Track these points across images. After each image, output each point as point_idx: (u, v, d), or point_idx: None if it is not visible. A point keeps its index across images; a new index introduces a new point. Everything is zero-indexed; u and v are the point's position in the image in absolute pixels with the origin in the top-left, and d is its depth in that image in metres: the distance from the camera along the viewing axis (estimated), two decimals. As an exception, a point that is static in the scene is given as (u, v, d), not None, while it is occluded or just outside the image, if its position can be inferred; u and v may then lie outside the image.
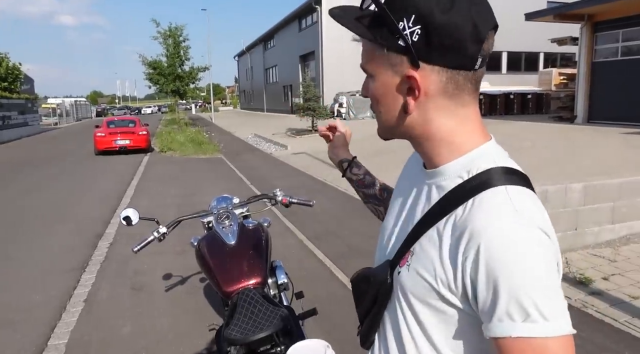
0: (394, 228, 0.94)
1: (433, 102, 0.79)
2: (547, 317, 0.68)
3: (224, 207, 2.70)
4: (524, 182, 0.78)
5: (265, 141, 18.37)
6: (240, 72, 56.16)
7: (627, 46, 15.70)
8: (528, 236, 0.70)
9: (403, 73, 0.78)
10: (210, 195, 9.32)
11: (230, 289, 2.28)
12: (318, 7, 25.07)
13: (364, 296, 0.97)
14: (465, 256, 0.72)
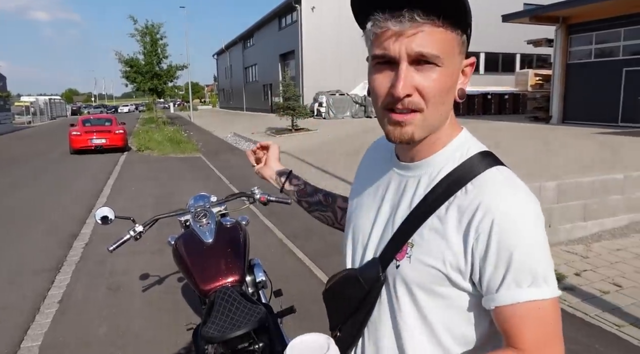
0: (374, 226, 0.93)
1: None
2: (548, 282, 0.77)
3: (202, 206, 2.68)
4: (501, 162, 0.86)
5: (245, 140, 18.28)
6: (219, 71, 55.72)
7: (600, 48, 16.10)
8: (532, 209, 0.79)
9: (463, 60, 0.84)
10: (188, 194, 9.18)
11: (207, 288, 2.27)
12: (298, 6, 25.03)
13: (346, 301, 0.95)
14: (477, 233, 0.77)
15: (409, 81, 0.76)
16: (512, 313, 0.76)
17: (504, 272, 0.76)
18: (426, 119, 0.80)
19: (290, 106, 18.32)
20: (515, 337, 0.76)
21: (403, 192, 0.89)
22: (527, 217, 0.77)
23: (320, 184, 8.88)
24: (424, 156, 0.87)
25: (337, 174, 9.92)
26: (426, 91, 0.77)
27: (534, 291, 0.75)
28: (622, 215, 5.43)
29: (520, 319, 0.76)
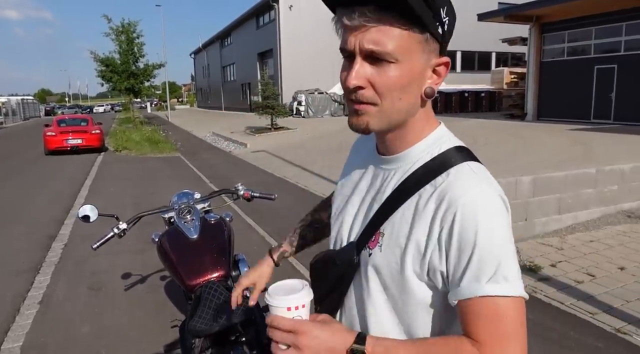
0: (355, 213, 0.98)
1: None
2: (507, 278, 0.77)
3: (185, 202, 2.70)
4: (475, 158, 0.87)
5: (224, 139, 18.18)
6: (196, 70, 55.15)
7: (572, 47, 16.49)
8: (497, 203, 0.80)
9: (433, 59, 0.83)
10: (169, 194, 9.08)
11: (193, 283, 2.28)
12: (276, 5, 24.98)
13: (325, 278, 1.00)
14: (441, 226, 0.80)
15: (360, 74, 0.80)
16: (469, 308, 0.78)
17: (464, 266, 0.78)
18: (381, 111, 0.83)
19: (270, 104, 18.29)
20: (472, 329, 0.78)
21: (380, 184, 0.93)
22: (490, 213, 0.78)
23: (300, 182, 8.92)
24: (400, 150, 0.90)
25: (317, 172, 9.96)
26: (378, 86, 0.80)
27: (492, 287, 0.77)
28: (595, 208, 5.61)
29: (476, 313, 0.78)
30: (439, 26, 0.79)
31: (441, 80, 0.85)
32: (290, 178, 9.45)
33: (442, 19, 0.79)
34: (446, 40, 0.83)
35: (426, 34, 0.79)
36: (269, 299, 0.88)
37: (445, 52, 0.84)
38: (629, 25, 14.39)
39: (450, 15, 0.81)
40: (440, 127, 0.92)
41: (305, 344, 0.81)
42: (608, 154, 7.72)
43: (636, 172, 5.91)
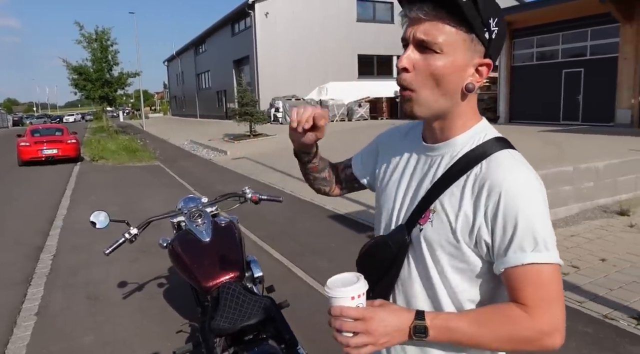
0: (402, 197, 1.09)
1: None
2: (548, 248, 0.90)
3: (195, 206, 2.76)
4: (513, 147, 1.01)
5: (203, 147, 18.09)
6: (170, 78, 54.57)
7: (541, 52, 17.07)
8: (535, 184, 0.93)
9: (477, 59, 0.95)
10: (154, 202, 9.06)
11: (209, 284, 2.35)
12: (251, 12, 25.04)
13: (377, 262, 1.10)
14: (487, 205, 0.92)
15: (409, 58, 0.94)
16: (516, 274, 0.90)
17: (510, 238, 0.89)
18: (419, 98, 0.95)
19: (248, 111, 18.30)
20: (520, 295, 0.90)
21: (428, 168, 1.04)
22: (530, 192, 0.90)
23: (286, 188, 9.01)
24: (446, 138, 1.02)
25: (300, 176, 9.99)
26: (420, 70, 0.93)
27: (535, 255, 0.88)
28: (573, 204, 5.87)
29: (523, 280, 0.89)
30: (485, 31, 0.91)
31: (482, 79, 0.96)
32: (275, 184, 9.52)
33: (490, 25, 0.91)
34: (492, 47, 0.94)
35: (472, 35, 0.92)
36: (331, 292, 0.95)
37: (494, 59, 0.97)
38: (593, 30, 15.01)
39: (501, 27, 0.94)
40: (482, 121, 1.05)
41: (374, 328, 0.91)
42: (580, 153, 8.06)
43: (609, 169, 6.21)
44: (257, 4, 24.84)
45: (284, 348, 2.07)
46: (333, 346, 1.09)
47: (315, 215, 6.95)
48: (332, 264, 4.78)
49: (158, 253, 5.16)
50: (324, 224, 6.43)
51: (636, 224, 5.34)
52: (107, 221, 2.60)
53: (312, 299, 3.96)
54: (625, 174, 6.37)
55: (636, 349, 2.95)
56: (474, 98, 1.02)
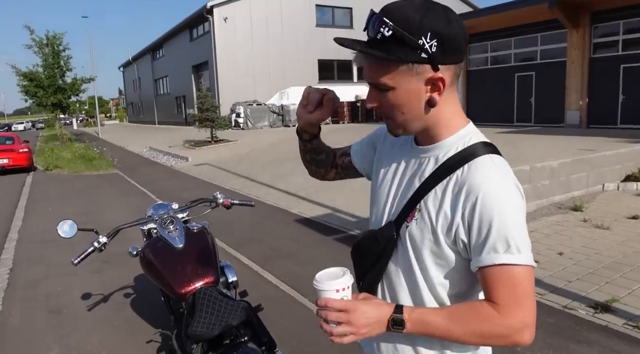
0: (392, 195, 1.16)
1: (445, 94, 1.03)
2: (520, 250, 0.95)
3: (166, 213, 2.73)
4: (498, 152, 1.06)
5: (163, 153, 17.73)
6: (126, 84, 53.16)
7: (494, 56, 17.69)
8: (511, 189, 1.00)
9: (427, 77, 0.99)
10: (115, 211, 8.82)
11: (184, 291, 2.33)
12: (210, 17, 24.77)
13: (367, 255, 1.17)
14: (464, 206, 0.98)
15: (371, 98, 1.05)
16: (489, 274, 0.96)
17: (484, 239, 0.95)
18: (395, 123, 1.06)
19: (209, 117, 18.08)
20: (491, 293, 0.96)
21: (417, 169, 1.11)
22: (506, 197, 0.96)
23: (251, 193, 8.96)
24: (434, 141, 1.08)
25: (266, 182, 10.03)
26: (383, 107, 1.04)
27: (507, 257, 0.94)
28: (531, 201, 6.12)
29: (495, 279, 0.95)
30: (421, 53, 0.95)
31: (443, 89, 1.00)
32: (239, 190, 9.45)
33: (423, 46, 0.95)
34: (436, 58, 0.96)
35: (411, 64, 0.97)
36: (318, 284, 1.03)
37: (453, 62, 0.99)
38: (543, 36, 15.70)
39: (442, 35, 0.95)
40: (469, 125, 1.10)
41: (356, 319, 0.99)
42: (534, 153, 8.40)
43: (562, 167, 6.52)
44: (216, 8, 24.61)
45: (264, 350, 2.08)
46: (304, 349, 1.13)
47: (282, 219, 6.94)
48: (301, 268, 4.80)
49: (122, 263, 5.04)
50: (291, 228, 6.44)
51: (589, 219, 5.62)
52: (75, 230, 2.54)
53: (283, 303, 3.97)
54: (577, 172, 6.69)
55: (594, 336, 3.11)
56: (451, 103, 1.06)
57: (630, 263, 4.23)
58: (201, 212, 2.94)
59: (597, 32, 14.33)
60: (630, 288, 3.72)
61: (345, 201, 7.61)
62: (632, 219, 5.55)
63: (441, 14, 0.97)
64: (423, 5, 0.97)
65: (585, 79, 14.54)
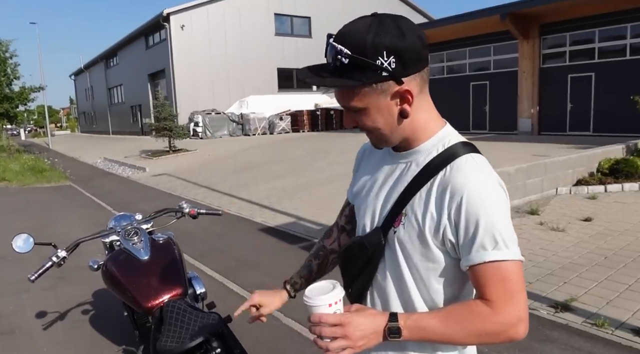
0: (376, 202, 1.15)
1: (416, 102, 1.04)
2: (508, 246, 0.97)
3: (129, 224, 2.64)
4: (478, 151, 1.08)
5: (119, 164, 17.19)
6: (78, 93, 51.34)
7: (450, 66, 18.22)
8: (494, 187, 1.01)
9: (393, 92, 1.01)
10: (69, 225, 8.48)
11: (151, 304, 2.25)
12: (166, 25, 24.33)
13: (355, 262, 1.17)
14: (450, 207, 0.99)
15: (347, 119, 1.09)
16: (480, 271, 0.96)
17: (472, 238, 0.96)
18: (377, 137, 1.08)
19: (167, 126, 17.71)
20: (484, 290, 0.97)
21: (399, 174, 1.12)
22: (490, 195, 0.98)
23: (213, 203, 8.80)
24: (413, 146, 1.10)
25: (227, 191, 9.89)
26: (361, 126, 1.07)
27: (496, 253, 0.95)
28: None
29: (486, 276, 0.96)
30: (381, 72, 0.97)
31: (412, 99, 1.01)
32: (200, 200, 9.26)
33: (382, 66, 0.96)
34: (398, 72, 0.98)
35: (374, 85, 0.99)
36: (310, 300, 1.01)
37: (416, 71, 1.01)
38: (496, 46, 16.32)
39: (396, 52, 0.96)
40: (446, 127, 1.12)
41: (351, 332, 0.98)
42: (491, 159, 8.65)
43: (519, 173, 6.76)
44: (173, 16, 24.21)
45: (237, 362, 2.03)
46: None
47: (245, 229, 6.85)
48: (267, 278, 4.74)
49: (79, 278, 4.83)
50: (255, 238, 6.36)
51: (545, 222, 5.84)
52: (30, 244, 2.42)
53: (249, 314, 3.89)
54: (533, 177, 6.95)
55: (556, 335, 3.21)
56: (425, 109, 1.07)
57: (585, 263, 4.41)
58: (166, 223, 2.86)
59: (545, 43, 15.04)
60: (586, 287, 3.87)
61: (309, 208, 7.60)
62: (584, 221, 5.81)
63: (393, 28, 0.97)
64: (374, 23, 0.97)
65: (536, 88, 15.21)
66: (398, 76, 0.98)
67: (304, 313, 1.04)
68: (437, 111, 1.12)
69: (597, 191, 7.27)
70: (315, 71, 1.03)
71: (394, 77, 0.98)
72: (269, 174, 11.25)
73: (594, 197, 6.92)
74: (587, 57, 14.08)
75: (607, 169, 7.84)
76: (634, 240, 5.00)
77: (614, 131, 12.93)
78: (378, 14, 1.00)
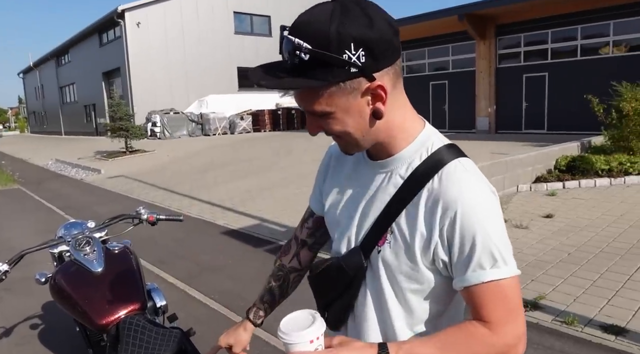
0: (352, 217, 1.02)
1: (390, 99, 0.90)
2: (506, 262, 0.88)
3: (80, 233, 2.42)
4: (463, 154, 0.97)
5: (72, 166, 16.44)
6: (27, 91, 48.99)
7: (410, 65, 18.42)
8: (489, 197, 0.91)
9: (364, 89, 0.86)
10: (16, 231, 8.00)
11: (105, 321, 2.05)
12: (121, 21, 23.48)
13: (332, 285, 1.04)
14: (442, 223, 0.88)
15: (311, 125, 0.92)
16: (477, 292, 0.87)
17: (467, 256, 0.87)
18: (347, 143, 0.94)
19: (123, 126, 17.09)
20: (482, 312, 0.88)
21: (378, 187, 0.98)
22: (485, 208, 0.88)
23: (173, 206, 8.49)
24: (391, 154, 0.97)
25: (187, 193, 9.58)
26: (327, 132, 0.92)
27: (495, 272, 0.86)
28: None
29: (484, 297, 0.87)
30: (349, 68, 0.83)
31: (386, 96, 0.88)
32: (160, 202, 8.92)
33: (350, 60, 0.82)
34: (368, 67, 0.84)
35: (339, 84, 0.84)
36: (287, 337, 0.86)
37: (389, 65, 0.88)
38: (454, 46, 16.61)
39: (366, 43, 0.82)
40: (426, 128, 0.99)
41: None
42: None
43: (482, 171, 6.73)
44: (128, 12, 23.39)
45: (202, 382, 1.86)
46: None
47: (207, 232, 6.62)
48: (232, 283, 4.55)
49: (27, 290, 4.49)
50: (218, 241, 6.14)
51: (509, 219, 5.89)
52: (-34, 258, 2.16)
53: (215, 323, 3.71)
54: (495, 174, 7.04)
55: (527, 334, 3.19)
56: (400, 107, 0.94)
57: (550, 260, 4.45)
58: (122, 230, 2.65)
59: (501, 43, 15.41)
60: (553, 284, 3.90)
61: (273, 210, 7.43)
62: (546, 218, 5.91)
63: (359, 15, 0.83)
64: (336, 10, 0.83)
65: (493, 87, 15.57)
66: (369, 71, 0.84)
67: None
68: (413, 109, 0.99)
69: (556, 188, 7.45)
70: (269, 71, 0.87)
71: (364, 73, 0.84)
72: (231, 175, 11.00)
73: (554, 194, 7.08)
74: (540, 57, 14.52)
75: (564, 166, 8.05)
76: (594, 235, 5.11)
77: (567, 129, 13.38)
78: (341, 0, 0.85)
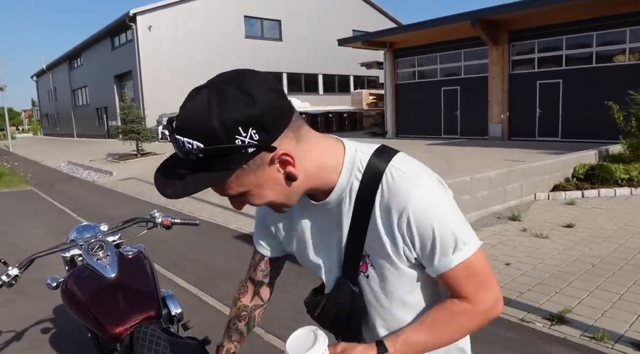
0: (330, 258, 1.09)
1: (299, 156, 0.90)
2: (465, 241, 0.95)
3: (93, 236, 2.34)
4: (391, 151, 1.00)
5: (84, 168, 16.50)
6: (40, 94, 49.49)
7: (420, 71, 18.32)
8: (433, 188, 0.95)
9: (268, 160, 0.87)
10: (29, 233, 7.96)
11: (119, 330, 1.96)
12: (133, 25, 23.64)
13: (338, 317, 1.12)
14: (400, 228, 0.95)
15: (236, 204, 0.96)
16: (450, 276, 0.96)
17: (431, 249, 0.94)
18: (273, 207, 0.99)
19: (134, 129, 17.13)
20: (458, 291, 0.98)
21: (334, 219, 1.03)
22: (432, 201, 0.93)
23: (184, 209, 8.43)
24: (329, 190, 0.99)
25: (199, 197, 9.51)
26: (252, 205, 0.96)
27: (458, 255, 0.94)
28: (473, 212, 6.19)
29: (457, 278, 0.96)
30: (245, 150, 0.83)
31: (293, 159, 0.88)
32: (172, 205, 8.86)
33: (244, 143, 0.82)
34: (267, 140, 0.84)
35: (238, 170, 0.86)
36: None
37: (284, 128, 0.87)
38: (466, 52, 16.47)
39: (253, 121, 0.82)
40: (347, 150, 0.99)
41: None
42: (466, 164, 8.63)
43: (500, 178, 6.68)
44: (139, 16, 23.56)
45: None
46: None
47: (219, 236, 6.54)
48: (244, 289, 4.45)
49: (39, 292, 4.43)
50: (231, 245, 6.06)
51: (528, 228, 5.75)
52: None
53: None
54: (512, 182, 6.90)
55: (555, 350, 3.05)
56: (311, 152, 0.93)
57: (574, 272, 4.30)
58: (136, 234, 2.56)
59: (514, 49, 15.25)
60: (579, 297, 3.75)
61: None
62: (566, 227, 5.75)
63: (237, 95, 0.82)
64: (212, 98, 0.82)
65: (506, 93, 15.39)
66: (267, 144, 0.85)
67: (285, 329, 0.93)
68: (326, 137, 1.00)
69: (575, 197, 7.28)
70: (169, 174, 0.87)
71: (262, 148, 0.85)
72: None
73: (573, 203, 6.91)
74: (555, 64, 14.34)
75: (582, 175, 7.88)
76: (618, 247, 4.95)
77: (582, 137, 13.17)
78: (213, 83, 0.85)
